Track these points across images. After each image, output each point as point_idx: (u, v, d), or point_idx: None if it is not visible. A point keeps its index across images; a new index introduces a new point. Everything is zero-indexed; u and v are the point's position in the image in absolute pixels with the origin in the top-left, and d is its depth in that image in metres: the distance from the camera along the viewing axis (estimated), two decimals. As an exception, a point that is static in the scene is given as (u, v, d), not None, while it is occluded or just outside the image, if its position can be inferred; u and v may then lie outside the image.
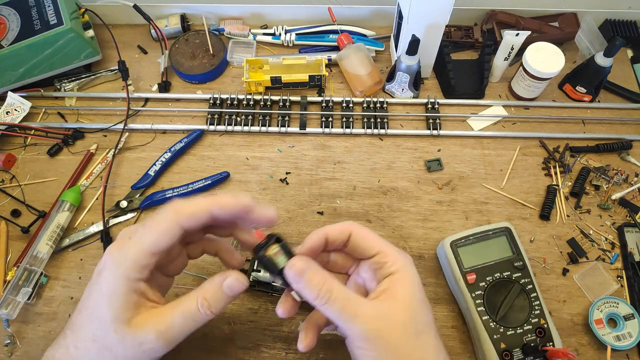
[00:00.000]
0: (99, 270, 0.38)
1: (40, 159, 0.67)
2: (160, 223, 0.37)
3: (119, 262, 0.36)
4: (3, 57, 0.65)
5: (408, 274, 0.40)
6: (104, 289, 0.36)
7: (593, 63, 0.66)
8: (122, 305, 0.36)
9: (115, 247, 0.37)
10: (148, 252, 0.36)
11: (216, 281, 0.39)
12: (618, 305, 0.54)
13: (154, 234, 0.37)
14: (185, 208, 0.38)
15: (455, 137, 0.68)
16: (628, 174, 0.65)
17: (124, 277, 0.36)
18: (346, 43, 0.73)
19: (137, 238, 0.37)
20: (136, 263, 0.36)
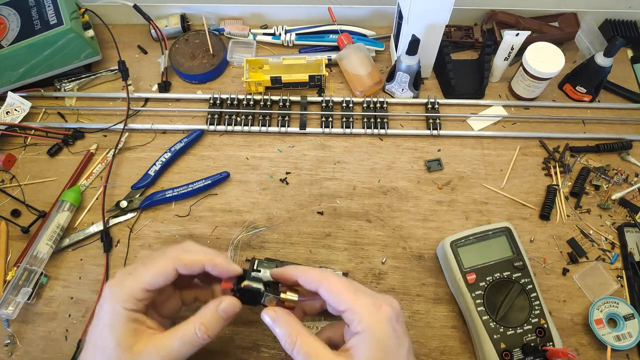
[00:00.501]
0: (100, 305, 0.41)
1: (40, 159, 0.67)
2: (158, 264, 0.41)
3: (116, 295, 0.40)
4: (3, 57, 0.65)
5: (373, 336, 0.38)
6: (106, 320, 0.39)
7: (593, 63, 0.66)
8: (124, 333, 0.39)
9: (114, 282, 0.41)
10: (143, 288, 0.40)
11: (211, 306, 0.42)
12: (618, 305, 0.54)
13: (150, 272, 0.41)
14: (184, 257, 0.42)
15: (455, 137, 0.68)
16: (628, 174, 0.65)
17: (122, 308, 0.39)
18: (346, 43, 0.73)
19: (135, 274, 0.41)
20: (132, 296, 0.40)
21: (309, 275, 0.42)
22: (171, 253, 0.42)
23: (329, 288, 0.40)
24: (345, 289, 0.40)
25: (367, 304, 0.39)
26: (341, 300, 0.40)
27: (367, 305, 0.39)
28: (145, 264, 0.41)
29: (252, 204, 0.63)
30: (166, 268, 0.41)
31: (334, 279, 0.41)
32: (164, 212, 0.62)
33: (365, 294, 0.40)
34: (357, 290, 0.40)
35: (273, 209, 0.63)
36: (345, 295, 0.40)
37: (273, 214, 0.62)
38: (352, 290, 0.40)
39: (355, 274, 0.58)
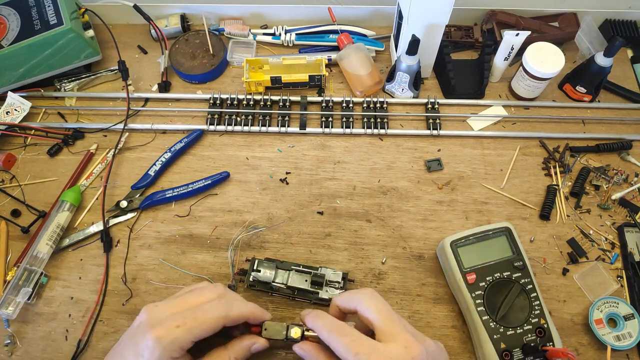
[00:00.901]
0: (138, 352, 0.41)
1: (40, 159, 0.67)
2: (209, 320, 0.43)
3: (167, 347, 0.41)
4: (3, 57, 0.65)
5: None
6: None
7: (593, 63, 0.66)
8: None
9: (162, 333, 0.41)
10: (193, 340, 0.42)
11: (246, 344, 0.46)
12: (618, 305, 0.54)
13: (202, 328, 0.43)
14: (232, 314, 0.45)
15: (455, 137, 0.68)
16: (628, 174, 0.65)
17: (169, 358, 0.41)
18: (346, 43, 0.73)
19: (186, 328, 0.42)
20: (181, 347, 0.42)
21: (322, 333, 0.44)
22: (219, 308, 0.44)
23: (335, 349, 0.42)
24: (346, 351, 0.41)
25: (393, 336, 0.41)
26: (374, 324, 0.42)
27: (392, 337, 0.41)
28: (195, 318, 0.43)
29: (252, 204, 0.63)
30: (217, 323, 0.43)
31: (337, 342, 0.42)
32: (164, 212, 0.62)
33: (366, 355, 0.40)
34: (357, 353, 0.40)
35: (273, 209, 0.63)
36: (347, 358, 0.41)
37: (273, 214, 0.62)
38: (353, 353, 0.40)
39: (355, 274, 0.58)
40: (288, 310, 0.56)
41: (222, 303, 0.45)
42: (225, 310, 0.44)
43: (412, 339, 0.41)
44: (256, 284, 0.54)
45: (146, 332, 0.41)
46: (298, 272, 0.54)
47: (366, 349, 0.40)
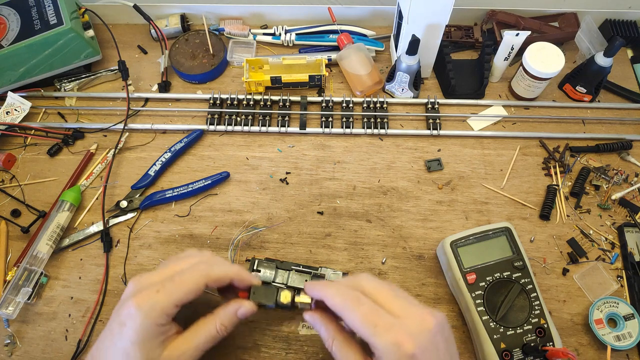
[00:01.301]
0: (121, 321, 0.40)
1: (40, 159, 0.67)
2: (189, 281, 0.42)
3: (148, 313, 0.40)
4: (3, 57, 0.65)
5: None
6: (134, 338, 0.40)
7: (593, 63, 0.66)
8: (153, 347, 0.40)
9: (142, 299, 0.41)
10: (175, 304, 0.41)
11: (231, 309, 0.45)
12: (618, 305, 0.54)
13: (182, 290, 0.42)
14: (213, 273, 0.44)
15: (455, 137, 0.68)
16: (628, 174, 0.65)
17: (154, 324, 0.40)
18: (346, 43, 0.73)
19: (166, 292, 0.41)
20: (164, 313, 0.41)
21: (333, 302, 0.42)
22: (199, 269, 0.43)
23: (350, 321, 0.40)
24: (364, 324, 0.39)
25: (386, 342, 0.37)
26: (361, 333, 0.39)
27: (387, 344, 0.37)
28: (174, 281, 0.42)
29: (252, 204, 0.63)
30: (197, 285, 0.42)
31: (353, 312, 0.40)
32: (164, 212, 0.62)
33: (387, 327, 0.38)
34: (376, 325, 0.38)
35: (273, 209, 0.63)
36: (365, 331, 0.38)
37: (273, 214, 0.62)
38: (372, 324, 0.38)
39: (355, 274, 0.58)
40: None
41: (203, 264, 0.44)
42: (206, 270, 0.43)
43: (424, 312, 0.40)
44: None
45: (128, 301, 0.41)
46: (298, 272, 0.54)
47: (385, 321, 0.38)
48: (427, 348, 0.38)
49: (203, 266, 0.44)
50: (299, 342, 0.54)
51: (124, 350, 0.40)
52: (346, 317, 0.40)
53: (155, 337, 0.41)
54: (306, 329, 0.55)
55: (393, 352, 0.37)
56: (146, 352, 0.40)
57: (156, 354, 0.40)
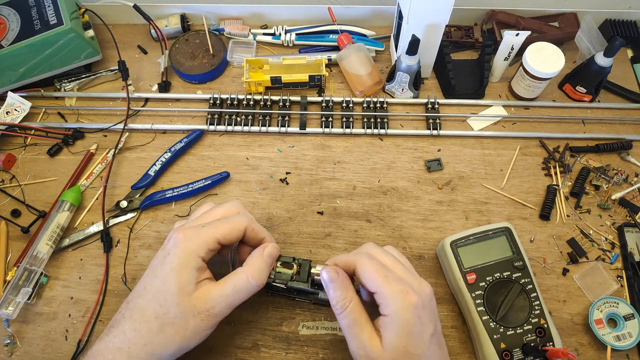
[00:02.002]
0: (166, 251, 0.43)
1: (40, 159, 0.67)
2: (234, 222, 0.45)
3: (192, 241, 0.43)
4: (3, 57, 0.65)
5: (398, 321, 0.41)
6: (174, 264, 0.42)
7: (593, 63, 0.66)
8: (188, 279, 0.42)
9: (189, 230, 0.44)
10: (217, 239, 0.44)
11: (257, 253, 0.47)
12: (618, 305, 0.54)
13: (227, 227, 0.45)
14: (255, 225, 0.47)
15: (455, 137, 0.68)
16: (628, 174, 0.65)
17: (195, 253, 0.43)
18: (346, 43, 0.73)
19: (212, 227, 0.44)
20: (206, 245, 0.43)
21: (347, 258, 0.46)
22: (244, 216, 0.47)
23: (362, 270, 0.43)
24: (376, 272, 0.42)
25: (394, 291, 0.41)
26: (372, 283, 0.42)
27: (395, 292, 0.41)
28: (221, 220, 0.45)
29: (252, 204, 0.63)
30: (240, 228, 0.45)
31: (367, 262, 0.43)
32: (164, 212, 0.62)
33: (395, 279, 0.42)
34: (387, 275, 0.42)
35: (273, 209, 0.63)
36: (376, 279, 0.42)
37: (273, 214, 0.62)
38: (383, 275, 0.42)
39: (355, 274, 0.58)
40: (288, 310, 0.56)
41: (246, 215, 0.48)
42: (249, 219, 0.47)
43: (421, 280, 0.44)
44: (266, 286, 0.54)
45: (174, 233, 0.44)
46: None
47: (392, 275, 0.43)
48: (427, 306, 0.42)
49: (247, 216, 0.47)
50: (299, 342, 0.54)
51: (163, 278, 0.42)
52: (360, 268, 0.43)
53: (192, 270, 0.42)
54: (306, 329, 0.55)
55: (401, 299, 0.41)
56: (181, 282, 0.42)
57: (188, 289, 0.42)
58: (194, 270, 0.43)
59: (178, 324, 0.42)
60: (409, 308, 0.41)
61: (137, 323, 0.41)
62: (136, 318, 0.42)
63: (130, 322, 0.42)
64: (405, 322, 0.41)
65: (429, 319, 0.42)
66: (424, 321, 0.42)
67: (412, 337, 0.41)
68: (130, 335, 0.41)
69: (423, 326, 0.41)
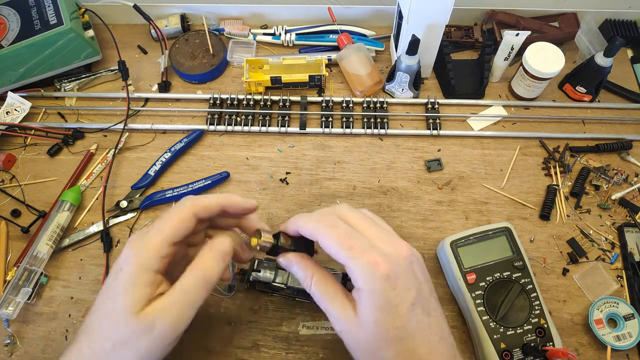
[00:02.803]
0: (119, 267, 0.39)
1: (40, 159, 0.67)
2: (176, 213, 0.40)
3: (139, 252, 0.38)
4: (3, 57, 0.65)
5: (370, 294, 0.37)
6: (123, 280, 0.38)
7: (593, 63, 0.66)
8: (138, 297, 0.37)
9: (134, 242, 0.39)
10: (167, 241, 0.39)
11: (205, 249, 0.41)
12: (618, 305, 0.54)
13: (172, 223, 0.39)
14: (200, 201, 0.41)
15: (455, 137, 0.68)
16: (628, 174, 0.65)
17: (145, 267, 0.38)
18: (346, 43, 0.73)
19: (155, 229, 0.39)
20: (157, 252, 0.38)
21: (307, 227, 0.41)
22: (186, 200, 0.41)
23: (325, 245, 0.39)
24: (339, 244, 0.38)
25: (362, 263, 0.37)
26: (337, 256, 0.38)
27: (362, 264, 0.37)
28: (161, 217, 0.40)
29: (252, 204, 0.63)
30: (186, 215, 0.40)
31: (327, 233, 0.39)
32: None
33: (362, 248, 0.38)
34: (352, 247, 0.38)
35: (273, 209, 0.63)
36: (339, 252, 0.38)
37: (273, 214, 0.62)
38: (347, 246, 0.38)
39: (355, 274, 0.58)
40: (288, 310, 0.56)
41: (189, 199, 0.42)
42: (191, 201, 0.41)
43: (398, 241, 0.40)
44: (256, 284, 0.54)
45: (125, 247, 0.39)
46: None
47: (360, 243, 0.38)
48: (402, 272, 0.38)
49: (189, 199, 0.42)
50: (299, 342, 0.54)
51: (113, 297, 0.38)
52: (322, 241, 0.39)
53: (144, 288, 0.37)
54: (306, 329, 0.55)
55: (368, 272, 0.37)
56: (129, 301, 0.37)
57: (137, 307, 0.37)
58: (146, 287, 0.38)
59: (130, 344, 0.37)
60: (377, 280, 0.36)
61: (92, 341, 0.38)
62: (91, 335, 0.39)
63: (86, 339, 0.39)
64: (377, 295, 0.37)
65: (408, 286, 0.38)
66: (400, 291, 0.37)
67: (387, 311, 0.37)
68: (86, 352, 0.38)
69: (399, 297, 0.37)
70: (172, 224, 0.39)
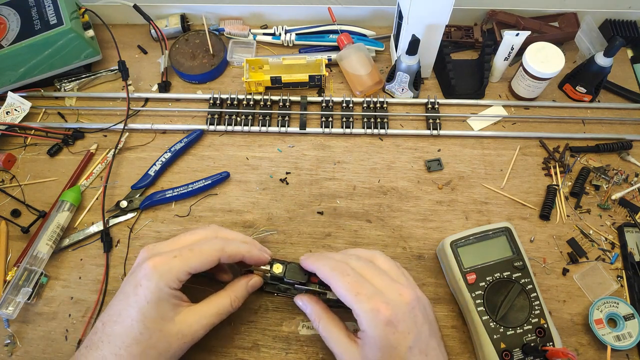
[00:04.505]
0: (137, 281, 0.43)
1: (40, 159, 0.67)
2: (205, 253, 0.45)
3: (163, 275, 0.43)
4: (3, 57, 0.65)
5: (373, 337, 0.42)
6: (149, 297, 0.42)
7: (593, 63, 0.66)
8: (167, 309, 0.43)
9: (160, 262, 0.44)
10: (189, 272, 0.44)
11: (242, 282, 0.49)
12: (618, 305, 0.54)
13: (198, 260, 0.45)
14: (228, 249, 0.46)
15: (455, 137, 0.68)
16: (628, 174, 0.65)
17: (167, 286, 0.43)
18: (346, 43, 0.73)
19: (182, 259, 0.44)
20: (178, 277, 0.44)
21: (322, 272, 0.46)
22: (216, 242, 0.46)
23: (336, 289, 0.44)
24: (348, 291, 0.43)
25: (366, 309, 0.42)
26: (345, 300, 0.44)
27: (366, 310, 0.42)
28: (192, 250, 0.45)
29: (252, 204, 0.63)
30: (212, 257, 0.45)
31: (339, 279, 0.44)
32: (164, 212, 0.62)
33: (368, 295, 0.42)
34: (359, 293, 0.43)
35: (273, 209, 0.63)
36: (347, 297, 0.43)
37: (273, 214, 0.62)
38: (354, 292, 0.43)
39: (355, 274, 0.58)
40: (288, 310, 0.56)
41: (219, 239, 0.47)
42: (221, 245, 0.46)
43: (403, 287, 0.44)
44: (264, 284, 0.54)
45: (144, 263, 0.44)
46: None
47: (367, 290, 0.43)
48: (404, 317, 0.42)
49: (219, 241, 0.46)
50: (299, 342, 0.54)
51: (139, 309, 0.42)
52: (333, 285, 0.44)
53: (169, 300, 0.43)
54: (306, 329, 0.55)
55: (371, 317, 0.42)
56: (161, 311, 0.42)
57: (169, 316, 0.43)
58: (170, 301, 0.43)
59: (161, 347, 0.43)
60: (379, 325, 0.41)
61: (118, 348, 0.42)
62: (116, 343, 0.42)
63: (109, 347, 0.42)
64: (378, 339, 0.41)
65: (408, 330, 0.42)
66: (400, 335, 0.42)
67: (387, 353, 0.41)
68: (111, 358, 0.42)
69: (398, 340, 0.41)
70: (198, 261, 0.45)
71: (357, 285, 0.43)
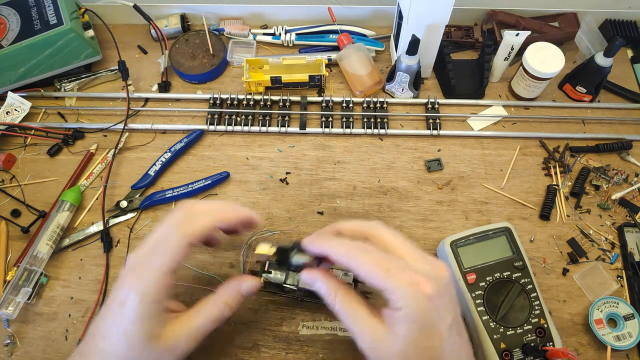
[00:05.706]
0: (120, 300, 0.39)
1: (40, 159, 0.67)
2: (170, 246, 0.40)
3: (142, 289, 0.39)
4: (3, 57, 0.65)
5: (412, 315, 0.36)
6: (132, 315, 0.39)
7: (593, 63, 0.66)
8: (155, 324, 0.39)
9: (133, 276, 0.40)
10: (167, 272, 0.40)
11: (234, 286, 0.45)
12: (618, 305, 0.54)
13: (168, 258, 0.40)
14: (192, 231, 0.41)
15: (455, 137, 0.68)
16: (628, 174, 0.65)
17: (153, 301, 0.39)
18: (346, 43, 0.73)
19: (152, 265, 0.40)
20: (160, 285, 0.39)
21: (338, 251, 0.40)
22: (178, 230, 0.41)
23: (358, 269, 0.38)
24: (375, 267, 0.37)
25: (402, 283, 0.36)
26: (374, 281, 0.37)
27: (403, 284, 0.36)
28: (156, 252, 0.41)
29: (252, 204, 0.63)
30: (181, 248, 0.40)
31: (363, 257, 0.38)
32: (164, 212, 0.62)
33: (400, 269, 0.37)
34: (389, 269, 0.37)
35: (273, 209, 0.63)
36: (377, 276, 0.37)
37: (273, 214, 0.62)
38: (384, 269, 0.37)
39: (355, 274, 0.58)
40: (288, 310, 0.56)
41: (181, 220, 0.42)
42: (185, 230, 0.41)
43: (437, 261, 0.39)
44: (267, 285, 0.54)
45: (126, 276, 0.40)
46: None
47: (398, 264, 0.37)
48: (442, 293, 0.37)
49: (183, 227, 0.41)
50: (299, 342, 0.54)
51: (124, 330, 0.39)
52: (354, 265, 0.38)
53: (156, 315, 0.39)
54: (306, 329, 0.55)
55: (410, 293, 0.35)
56: (147, 330, 0.39)
57: (156, 333, 0.39)
58: (158, 316, 0.40)
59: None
60: (421, 301, 0.35)
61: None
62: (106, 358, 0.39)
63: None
64: (420, 316, 0.36)
65: (447, 307, 0.37)
66: (441, 312, 0.36)
67: (426, 331, 0.36)
68: None
69: (441, 317, 0.36)
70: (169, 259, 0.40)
71: (385, 260, 0.37)
